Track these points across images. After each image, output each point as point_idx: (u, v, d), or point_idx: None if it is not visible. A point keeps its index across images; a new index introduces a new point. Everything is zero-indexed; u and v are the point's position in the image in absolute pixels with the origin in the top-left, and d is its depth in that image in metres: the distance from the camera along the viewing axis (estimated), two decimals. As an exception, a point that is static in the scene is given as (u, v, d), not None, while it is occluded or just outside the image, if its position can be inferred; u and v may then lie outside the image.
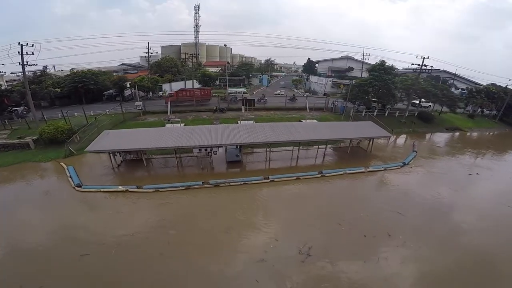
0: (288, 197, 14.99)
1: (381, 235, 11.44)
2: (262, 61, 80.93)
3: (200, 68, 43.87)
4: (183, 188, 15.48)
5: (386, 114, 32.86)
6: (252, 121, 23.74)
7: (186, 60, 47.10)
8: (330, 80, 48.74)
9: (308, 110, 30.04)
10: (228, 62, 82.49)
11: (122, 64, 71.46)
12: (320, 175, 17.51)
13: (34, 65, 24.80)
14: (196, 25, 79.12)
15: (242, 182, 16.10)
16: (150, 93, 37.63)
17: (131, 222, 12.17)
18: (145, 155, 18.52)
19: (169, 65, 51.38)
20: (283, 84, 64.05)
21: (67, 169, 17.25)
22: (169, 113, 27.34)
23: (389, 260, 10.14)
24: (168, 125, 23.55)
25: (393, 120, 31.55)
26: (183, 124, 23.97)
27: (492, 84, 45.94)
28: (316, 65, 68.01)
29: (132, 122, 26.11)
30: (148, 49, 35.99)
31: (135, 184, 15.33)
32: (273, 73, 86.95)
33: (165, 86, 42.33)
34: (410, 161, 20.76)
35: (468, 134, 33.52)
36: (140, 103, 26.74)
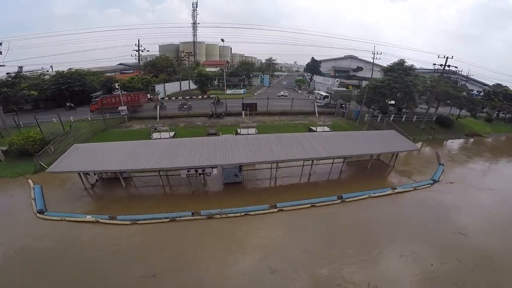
0: (306, 231, 11.64)
1: (450, 262, 9.82)
2: (263, 61, 77.31)
3: (198, 67, 40.38)
4: (168, 220, 12.12)
5: (403, 119, 29.46)
6: (254, 129, 20.21)
7: (182, 59, 43.50)
8: (337, 81, 45.16)
9: (317, 115, 26.49)
10: (227, 62, 78.95)
11: (120, 64, 68.15)
12: (339, 200, 14.09)
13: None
14: (194, 23, 75.41)
15: (243, 213, 12.63)
16: (142, 94, 34.13)
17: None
18: (123, 174, 15.09)
19: (165, 64, 47.83)
20: (285, 85, 60.43)
21: (33, 188, 14.38)
22: (158, 119, 23.82)
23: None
24: (155, 134, 20.04)
25: (411, 126, 28.16)
26: (173, 132, 20.49)
27: (498, 85, 43.20)
28: (320, 64, 64.46)
29: (115, 129, 22.65)
30: (138, 46, 32.52)
31: (109, 213, 12.20)
32: (274, 73, 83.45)
33: (159, 87, 38.80)
34: (440, 176, 17.53)
35: (489, 139, 30.25)
36: (124, 107, 23.20)
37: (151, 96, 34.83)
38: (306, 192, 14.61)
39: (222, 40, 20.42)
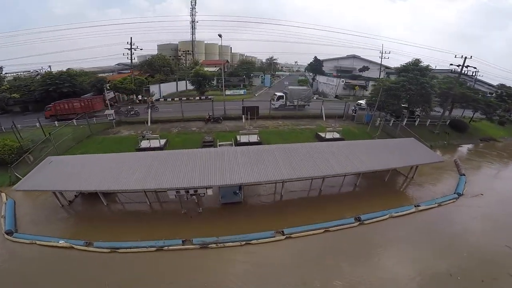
0: (321, 264, 9.64)
1: (502, 277, 9.18)
2: (264, 60, 74.99)
3: (197, 66, 38.17)
4: (154, 249, 10.03)
5: (417, 123, 27.22)
6: (256, 136, 17.98)
7: (178, 58, 41.21)
8: (343, 81, 42.83)
9: (324, 119, 24.23)
10: (227, 61, 76.63)
11: (118, 64, 65.85)
12: (357, 223, 11.96)
13: None
14: (193, 22, 72.90)
15: (244, 242, 10.47)
16: (135, 96, 31.84)
17: None
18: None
19: (161, 64, 45.57)
20: (287, 85, 58.10)
21: (5, 204, 12.75)
22: (148, 124, 21.58)
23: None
24: (143, 143, 17.84)
25: (424, 131, 25.92)
26: (164, 140, 18.30)
27: (502, 85, 41.43)
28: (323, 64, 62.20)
29: (101, 136, 20.38)
30: (131, 45, 30.22)
31: (87, 236, 10.55)
32: (276, 73, 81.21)
33: (154, 88, 36.54)
34: (464, 189, 15.53)
35: (505, 144, 28.11)
36: (112, 111, 20.94)
37: (145, 98, 32.59)
38: (316, 212, 12.55)
39: (220, 35, 18.18)
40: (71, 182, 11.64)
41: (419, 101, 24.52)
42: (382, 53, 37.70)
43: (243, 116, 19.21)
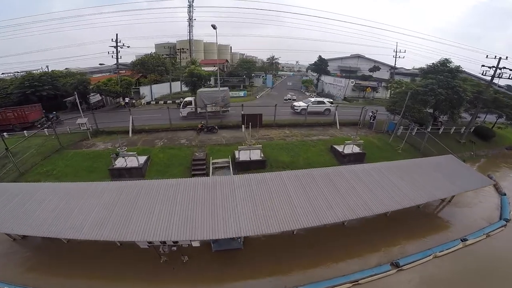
0: None
1: None
2: (265, 59, 71.43)
3: (194, 66, 34.75)
4: None
5: (441, 131, 23.73)
6: (259, 152, 14.47)
7: (172, 56, 37.74)
8: (352, 82, 39.20)
9: (338, 127, 20.68)
10: (226, 60, 73.17)
11: (116, 64, 62.40)
12: (395, 269, 8.81)
13: None
14: (190, 19, 69.41)
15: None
16: (122, 99, 28.33)
17: None
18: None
19: (155, 63, 42.07)
20: (290, 86, 54.59)
21: None
22: (130, 134, 18.07)
23: None
24: (118, 161, 14.40)
25: (450, 140, 22.49)
26: (145, 157, 14.82)
27: (508, 86, 38.24)
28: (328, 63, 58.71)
29: (72, 150, 16.90)
30: (116, 42, 26.70)
31: (40, 281, 8.38)
32: (278, 72, 77.69)
33: (144, 90, 33.05)
34: (510, 212, 13.11)
35: None
36: (85, 120, 17.41)
37: (133, 101, 29.14)
38: (338, 255, 9.35)
39: (214, 27, 14.58)
40: (11, 220, 8.44)
41: (447, 107, 21.01)
42: (396, 52, 34.04)
43: (242, 126, 15.66)
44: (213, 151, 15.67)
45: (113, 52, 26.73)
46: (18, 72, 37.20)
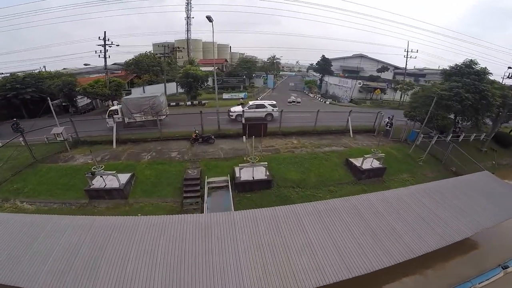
0: None
1: None
2: (265, 59, 68.97)
3: (188, 65, 32.44)
4: None
5: (460, 139, 21.43)
6: (263, 170, 12.12)
7: (167, 55, 35.34)
8: (360, 83, 36.77)
9: (351, 135, 18.31)
10: (226, 60, 70.72)
11: (114, 64, 60.07)
12: None
13: None
14: (188, 17, 66.85)
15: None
16: (110, 102, 25.90)
17: None
18: None
19: (150, 63, 39.64)
20: (293, 86, 52.17)
21: None
22: (114, 145, 15.67)
23: None
24: (96, 181, 12.06)
25: (469, 148, 20.19)
26: (128, 175, 12.48)
27: None
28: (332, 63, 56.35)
29: (47, 165, 14.54)
30: (105, 40, 24.24)
31: None
32: (280, 72, 75.29)
33: (136, 92, 30.60)
34: None
35: None
36: (61, 129, 14.99)
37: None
38: None
39: (210, 19, 12.15)
40: None
41: (472, 113, 18.70)
42: (407, 51, 31.66)
43: (243, 137, 13.27)
44: (209, 167, 13.29)
45: (100, 51, 24.27)
46: (1, 74, 34.73)
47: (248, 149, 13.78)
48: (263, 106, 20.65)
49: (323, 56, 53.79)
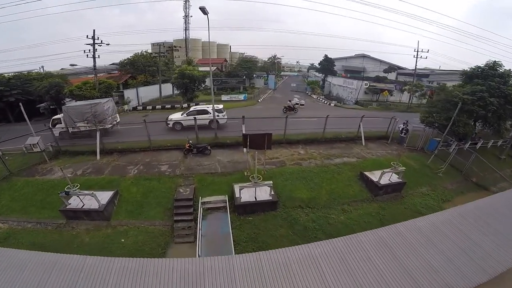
0: None
1: None
2: (266, 59, 67.19)
3: (184, 65, 30.75)
4: None
5: (478, 146, 19.72)
6: (268, 190, 10.37)
7: (162, 55, 33.58)
8: (366, 84, 34.97)
9: (363, 143, 16.56)
10: (225, 60, 68.94)
11: (113, 64, 58.38)
12: None
13: None
14: (186, 16, 65.03)
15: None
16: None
17: None
18: None
19: (146, 63, 37.86)
20: (294, 87, 50.41)
21: None
22: (97, 156, 13.89)
23: None
24: (73, 200, 10.32)
25: (487, 156, 18.48)
26: (111, 193, 10.75)
27: None
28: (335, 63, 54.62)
29: (23, 179, 12.79)
30: (94, 39, 22.42)
31: None
32: (281, 73, 73.57)
33: (129, 93, 28.83)
34: None
35: None
36: (36, 139, 13.18)
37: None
38: None
39: (204, 11, 10.39)
40: None
41: (495, 118, 16.98)
42: (417, 51, 29.87)
43: (244, 149, 11.49)
44: (204, 183, 11.51)
45: (89, 51, 22.48)
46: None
47: (249, 162, 12.04)
48: (205, 111, 17.78)
49: (325, 55, 51.96)
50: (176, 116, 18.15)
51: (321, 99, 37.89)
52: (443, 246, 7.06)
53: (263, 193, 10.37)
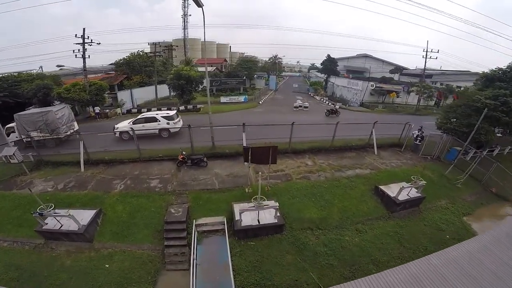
0: None
1: None
2: (267, 59, 65.71)
3: (183, 66, 29.33)
4: None
5: (495, 153, 18.32)
6: (273, 212, 8.94)
7: (158, 54, 32.13)
8: (372, 85, 33.47)
9: (376, 152, 15.12)
10: (225, 60, 67.49)
11: (111, 64, 56.84)
12: None
13: None
14: (185, 15, 63.52)
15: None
16: (91, 108, 22.61)
17: None
18: None
19: (142, 63, 36.43)
20: (296, 88, 48.99)
21: None
22: (82, 169, 12.46)
23: None
24: (50, 220, 8.90)
25: (506, 163, 17.12)
26: (92, 213, 9.37)
27: None
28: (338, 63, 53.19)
29: (0, 192, 11.41)
30: (83, 38, 20.94)
31: None
32: (282, 73, 72.14)
33: (122, 95, 27.39)
34: None
35: None
36: (12, 150, 11.71)
37: (105, 110, 23.47)
38: None
39: (199, 4, 9.06)
40: None
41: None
42: (426, 51, 28.40)
43: (245, 163, 10.03)
44: (200, 201, 10.07)
45: (78, 50, 21.02)
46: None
47: (251, 176, 10.63)
48: (154, 119, 16.36)
49: (328, 55, 50.55)
50: (123, 124, 16.47)
51: (324, 101, 36.43)
52: (481, 277, 6.10)
53: (268, 215, 8.95)
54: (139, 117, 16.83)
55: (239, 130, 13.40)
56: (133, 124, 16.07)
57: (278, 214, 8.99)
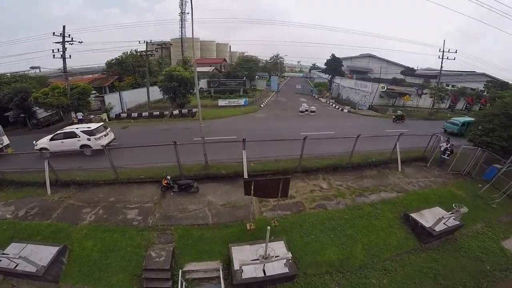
0: None
1: None
2: (268, 59, 63.45)
3: (174, 65, 27.21)
4: None
5: None
6: (283, 262, 6.77)
7: (150, 53, 29.90)
8: (383, 87, 31.13)
9: (399, 169, 12.89)
10: (224, 60, 65.30)
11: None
12: None
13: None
14: (182, 13, 61.06)
15: None
16: (73, 114, 20.33)
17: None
18: None
19: (135, 63, 34.20)
20: (299, 89, 46.76)
21: None
22: (48, 192, 10.28)
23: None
24: (2, 261, 6.69)
25: None
26: (55, 250, 7.10)
27: None
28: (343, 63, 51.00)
29: None
30: (63, 36, 18.68)
31: None
32: (284, 73, 69.94)
33: (110, 98, 25.15)
34: None
35: None
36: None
37: (91, 116, 21.21)
38: None
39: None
40: None
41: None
42: (442, 52, 26.19)
43: (244, 189, 7.81)
44: (189, 240, 7.88)
45: (58, 50, 18.80)
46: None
47: (254, 208, 8.42)
48: (73, 134, 14.13)
49: (333, 55, 48.31)
50: (43, 140, 14.25)
51: (331, 103, 34.20)
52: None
53: (276, 263, 6.78)
54: (58, 132, 14.46)
55: (238, 146, 11.19)
56: (50, 140, 13.86)
57: (290, 261, 6.82)
